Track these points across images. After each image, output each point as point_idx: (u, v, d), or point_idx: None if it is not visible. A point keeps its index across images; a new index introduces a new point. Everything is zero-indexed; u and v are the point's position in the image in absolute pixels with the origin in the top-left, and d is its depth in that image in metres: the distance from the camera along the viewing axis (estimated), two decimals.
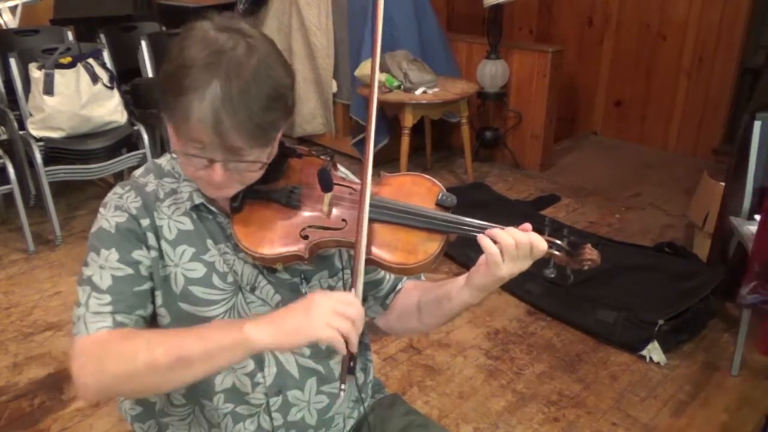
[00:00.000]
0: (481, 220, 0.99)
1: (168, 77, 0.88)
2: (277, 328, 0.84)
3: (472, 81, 3.97)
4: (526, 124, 4.09)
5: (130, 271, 0.96)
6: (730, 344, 2.35)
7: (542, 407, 2.13)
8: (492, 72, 3.92)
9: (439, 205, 1.00)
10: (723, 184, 2.74)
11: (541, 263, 0.98)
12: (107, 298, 0.93)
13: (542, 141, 4.05)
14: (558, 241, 0.97)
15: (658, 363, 2.31)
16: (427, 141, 4.19)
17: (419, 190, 1.02)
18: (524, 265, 0.95)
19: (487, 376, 2.27)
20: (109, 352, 0.88)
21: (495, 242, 0.94)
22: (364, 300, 1.17)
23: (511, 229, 0.95)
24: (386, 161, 3.94)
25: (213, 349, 0.84)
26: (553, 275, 0.97)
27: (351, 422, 1.18)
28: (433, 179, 1.04)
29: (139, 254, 0.97)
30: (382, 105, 3.67)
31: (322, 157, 1.06)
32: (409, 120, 3.57)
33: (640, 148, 4.50)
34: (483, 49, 3.98)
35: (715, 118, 4.12)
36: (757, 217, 2.32)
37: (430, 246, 0.96)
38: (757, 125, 2.29)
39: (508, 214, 3.40)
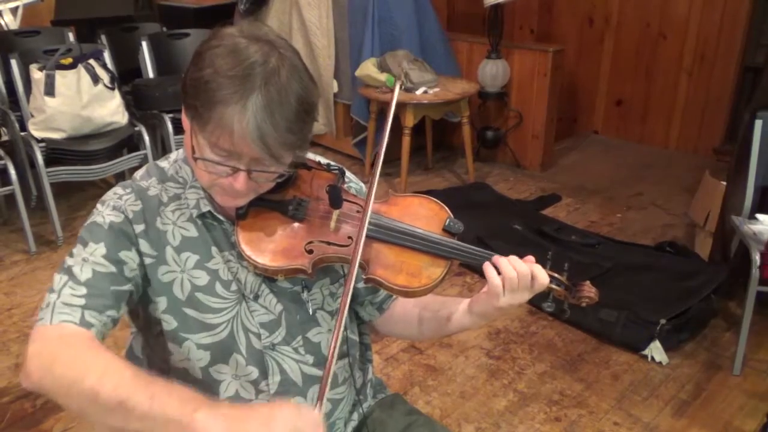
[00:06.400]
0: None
1: (199, 86, 0.86)
2: (230, 429, 0.76)
3: (472, 81, 3.97)
4: (526, 123, 4.08)
5: (113, 269, 0.94)
6: (732, 343, 2.35)
7: (544, 407, 2.13)
8: (493, 71, 3.92)
9: (446, 230, 1.00)
10: (724, 183, 2.74)
11: (540, 296, 1.00)
12: (82, 290, 0.91)
13: (543, 140, 4.05)
14: (558, 276, 0.99)
15: (659, 362, 2.31)
16: (428, 141, 4.19)
17: (427, 214, 1.02)
18: (523, 297, 0.97)
19: (489, 376, 2.27)
20: (64, 355, 0.84)
21: (498, 272, 0.96)
22: (362, 304, 1.18)
23: (514, 260, 0.96)
24: (387, 161, 3.94)
25: (155, 416, 0.78)
26: (551, 309, 1.00)
27: (352, 424, 1.18)
28: (442, 203, 1.04)
29: (126, 255, 0.96)
30: (382, 105, 3.68)
31: (332, 170, 1.05)
32: (409, 120, 3.57)
33: (641, 147, 4.50)
34: (484, 49, 3.98)
35: (716, 116, 4.12)
36: (759, 216, 2.33)
37: (434, 271, 0.97)
38: (758, 124, 2.29)
39: (509, 214, 3.40)
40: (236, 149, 0.87)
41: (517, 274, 0.95)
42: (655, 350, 2.32)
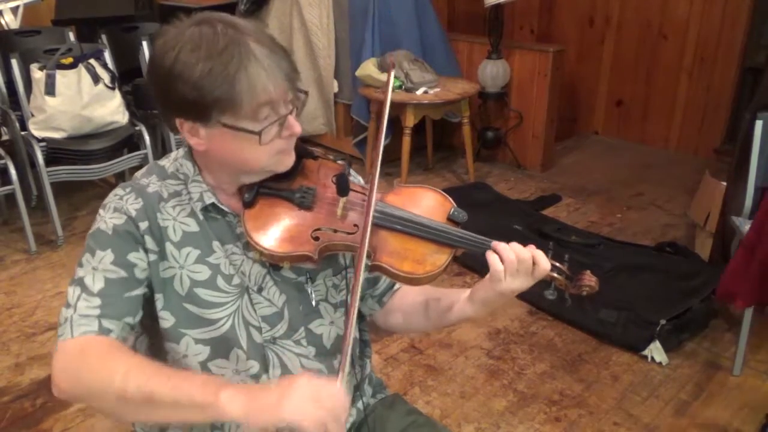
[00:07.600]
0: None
1: (206, 81, 0.88)
2: (250, 402, 0.82)
3: (473, 81, 3.97)
4: (527, 123, 4.08)
5: (123, 274, 0.95)
6: (732, 344, 2.35)
7: (544, 407, 2.13)
8: (493, 72, 3.92)
9: (451, 219, 1.04)
10: (724, 183, 2.74)
11: (543, 285, 1.04)
12: (96, 301, 0.93)
13: (543, 141, 4.05)
14: (559, 265, 1.03)
15: (659, 363, 2.31)
16: (428, 141, 4.19)
17: (432, 204, 1.06)
18: (525, 282, 1.00)
19: (489, 376, 2.27)
20: (88, 364, 0.89)
21: (499, 256, 0.99)
22: (362, 299, 1.18)
23: (515, 245, 1.00)
24: (387, 161, 3.94)
25: (183, 402, 0.84)
26: (553, 297, 1.04)
27: (350, 419, 1.18)
28: (446, 194, 1.08)
29: (135, 256, 0.97)
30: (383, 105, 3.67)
31: (338, 161, 1.08)
32: (410, 120, 3.57)
33: (642, 147, 4.50)
34: (484, 49, 3.98)
35: (717, 117, 4.12)
36: None
37: (439, 258, 0.99)
38: (759, 124, 2.29)
39: (510, 214, 3.40)
40: (272, 96, 0.91)
41: (517, 258, 0.98)
42: (655, 350, 2.32)
